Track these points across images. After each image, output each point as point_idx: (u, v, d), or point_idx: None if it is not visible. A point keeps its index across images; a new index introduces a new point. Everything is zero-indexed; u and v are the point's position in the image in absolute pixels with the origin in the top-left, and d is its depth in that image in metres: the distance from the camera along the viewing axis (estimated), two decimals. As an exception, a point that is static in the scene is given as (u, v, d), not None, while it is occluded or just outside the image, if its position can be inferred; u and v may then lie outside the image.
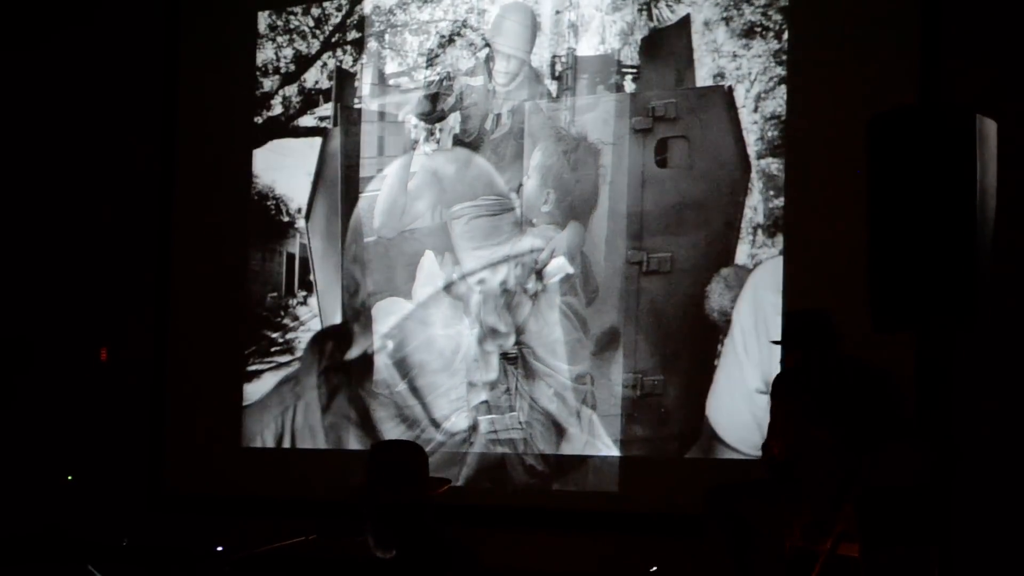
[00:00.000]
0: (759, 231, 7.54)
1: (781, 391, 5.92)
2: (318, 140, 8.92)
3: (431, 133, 8.55)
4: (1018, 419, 6.92)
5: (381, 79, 8.74)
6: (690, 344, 7.67)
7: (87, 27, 9.85)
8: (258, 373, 9.00)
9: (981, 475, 6.88)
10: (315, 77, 9.00)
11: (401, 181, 8.54)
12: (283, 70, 9.13)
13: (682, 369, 7.68)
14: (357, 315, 8.57)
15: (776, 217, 7.50)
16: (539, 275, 8.05)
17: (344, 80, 8.87)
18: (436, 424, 8.28)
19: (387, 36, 8.77)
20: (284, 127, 9.09)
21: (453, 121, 8.48)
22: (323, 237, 8.80)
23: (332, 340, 8.69)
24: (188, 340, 9.27)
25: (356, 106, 8.78)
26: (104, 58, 9.77)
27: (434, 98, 8.56)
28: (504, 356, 8.13)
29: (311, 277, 8.87)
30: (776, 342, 6.25)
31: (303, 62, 9.06)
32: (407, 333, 8.37)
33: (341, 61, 8.90)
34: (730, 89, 7.65)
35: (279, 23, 9.17)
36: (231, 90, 9.32)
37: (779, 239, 7.48)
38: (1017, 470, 6.89)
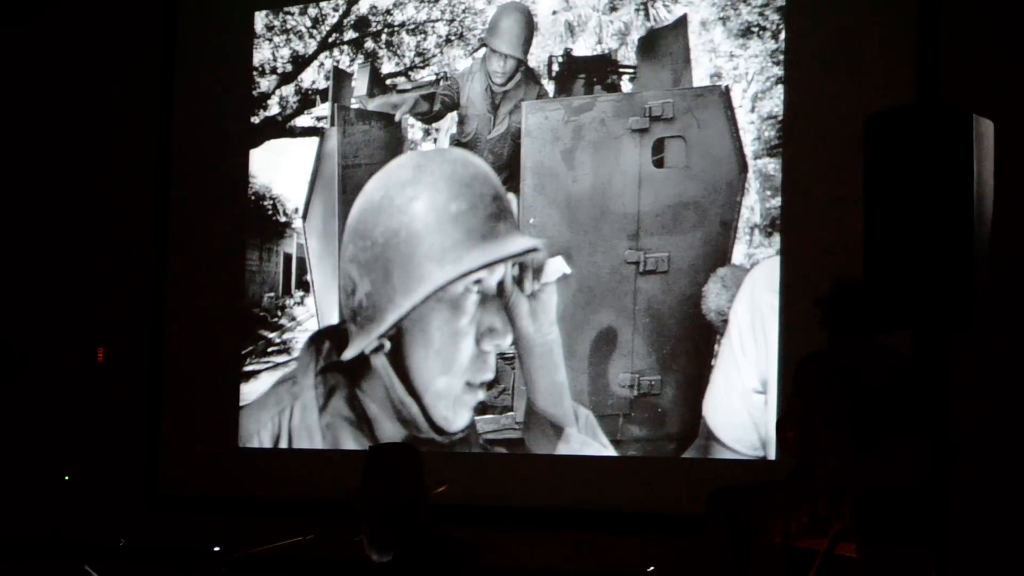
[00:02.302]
0: (756, 231, 7.54)
1: (802, 382, 5.84)
2: (315, 140, 8.92)
3: (428, 133, 8.55)
4: (1016, 419, 6.92)
5: (378, 79, 8.74)
6: (687, 344, 7.67)
7: (83, 26, 9.85)
8: (255, 373, 9.00)
9: (979, 475, 6.88)
10: (312, 77, 9.00)
11: (398, 181, 8.54)
12: (280, 70, 9.13)
13: (679, 369, 7.68)
14: (354, 315, 8.57)
15: (773, 217, 7.50)
16: (536, 275, 8.04)
17: (341, 80, 8.87)
18: (433, 424, 8.28)
19: (384, 36, 8.77)
20: (281, 127, 9.09)
21: (450, 121, 8.49)
22: (320, 237, 8.80)
23: (329, 340, 8.69)
24: (184, 340, 9.27)
25: (353, 106, 8.78)
26: (100, 57, 9.77)
27: (431, 98, 8.56)
28: (501, 356, 8.14)
29: (308, 277, 8.87)
30: (817, 303, 6.01)
31: (300, 62, 9.06)
32: (404, 333, 8.36)
33: (338, 61, 8.90)
34: (727, 89, 7.66)
35: (276, 23, 9.17)
36: (228, 90, 9.32)
37: (776, 239, 7.48)
38: (1015, 470, 6.89)
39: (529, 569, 7.79)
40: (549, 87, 8.18)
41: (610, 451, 7.82)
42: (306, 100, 9.02)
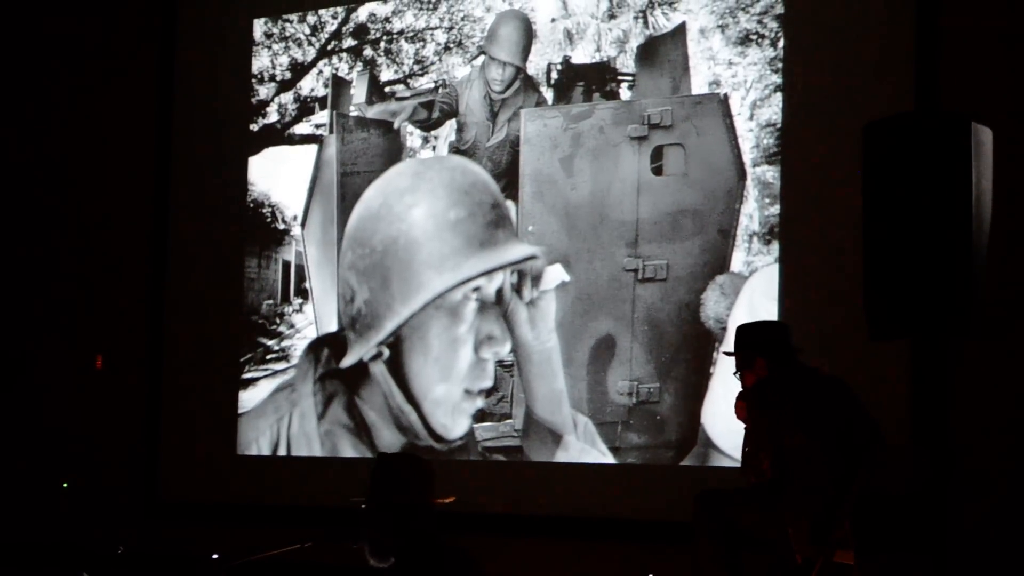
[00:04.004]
0: (755, 239, 7.54)
1: (761, 403, 5.87)
2: (314, 148, 8.92)
3: (426, 140, 8.56)
4: (1014, 427, 6.92)
5: (377, 87, 8.75)
6: (686, 351, 7.67)
7: (83, 35, 9.85)
8: (254, 380, 9.00)
9: (976, 483, 6.88)
10: (311, 85, 9.00)
11: (397, 188, 8.54)
12: (279, 78, 9.14)
13: (678, 376, 7.68)
14: (353, 322, 8.57)
15: (772, 225, 7.50)
16: (535, 282, 8.05)
17: (340, 88, 8.87)
18: (432, 432, 8.28)
19: (383, 44, 8.77)
20: (280, 135, 9.10)
21: (449, 129, 8.49)
22: (319, 244, 8.80)
23: (328, 347, 8.69)
24: (184, 347, 9.27)
25: (352, 113, 8.79)
26: (100, 64, 9.77)
27: (430, 106, 8.57)
28: (500, 363, 8.13)
29: (307, 284, 8.87)
30: (729, 353, 6.14)
31: (299, 70, 9.07)
32: (403, 340, 8.36)
33: (337, 69, 8.91)
34: (726, 97, 7.66)
35: (275, 31, 9.18)
36: (227, 98, 9.32)
37: (775, 246, 7.48)
38: (1012, 478, 6.89)
39: (528, 577, 7.80)
40: (548, 95, 8.19)
41: (609, 458, 7.82)
42: (305, 108, 9.02)
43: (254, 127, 9.19)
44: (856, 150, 5.29)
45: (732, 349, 6.05)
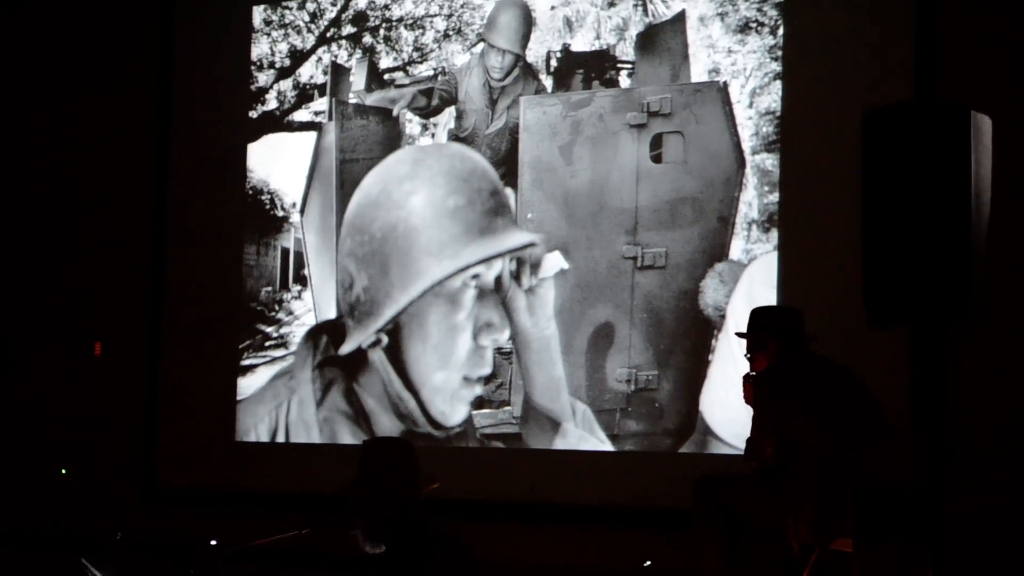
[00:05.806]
0: (754, 226, 7.54)
1: (769, 390, 5.87)
2: (313, 135, 8.91)
3: (426, 128, 8.55)
4: (1013, 416, 6.92)
5: (376, 74, 8.74)
6: (684, 339, 7.68)
7: (81, 20, 9.84)
8: (252, 367, 9.00)
9: (976, 473, 6.88)
10: (310, 72, 8.99)
11: (396, 176, 8.54)
12: (278, 65, 9.13)
13: (676, 364, 7.69)
14: (352, 309, 8.57)
15: (771, 212, 7.50)
16: (534, 270, 8.05)
17: (339, 75, 8.87)
18: (430, 419, 8.28)
19: (382, 31, 8.76)
20: (279, 121, 9.09)
21: (448, 116, 8.49)
22: (318, 231, 8.80)
23: (326, 334, 8.69)
24: (182, 334, 9.26)
25: (351, 101, 8.78)
26: (99, 51, 9.76)
27: (429, 93, 8.56)
28: (499, 351, 8.14)
29: (305, 271, 8.87)
30: (741, 335, 6.15)
31: (298, 57, 9.06)
32: (401, 328, 8.36)
33: (336, 56, 8.90)
34: (725, 84, 7.66)
35: (274, 18, 9.17)
36: (226, 84, 9.31)
37: (774, 234, 7.48)
38: (1012, 468, 6.90)
39: (527, 563, 7.79)
40: (547, 82, 8.18)
41: (607, 446, 7.83)
42: (304, 95, 9.01)
43: (253, 114, 9.18)
44: (855, 138, 5.28)
45: (745, 331, 6.06)
